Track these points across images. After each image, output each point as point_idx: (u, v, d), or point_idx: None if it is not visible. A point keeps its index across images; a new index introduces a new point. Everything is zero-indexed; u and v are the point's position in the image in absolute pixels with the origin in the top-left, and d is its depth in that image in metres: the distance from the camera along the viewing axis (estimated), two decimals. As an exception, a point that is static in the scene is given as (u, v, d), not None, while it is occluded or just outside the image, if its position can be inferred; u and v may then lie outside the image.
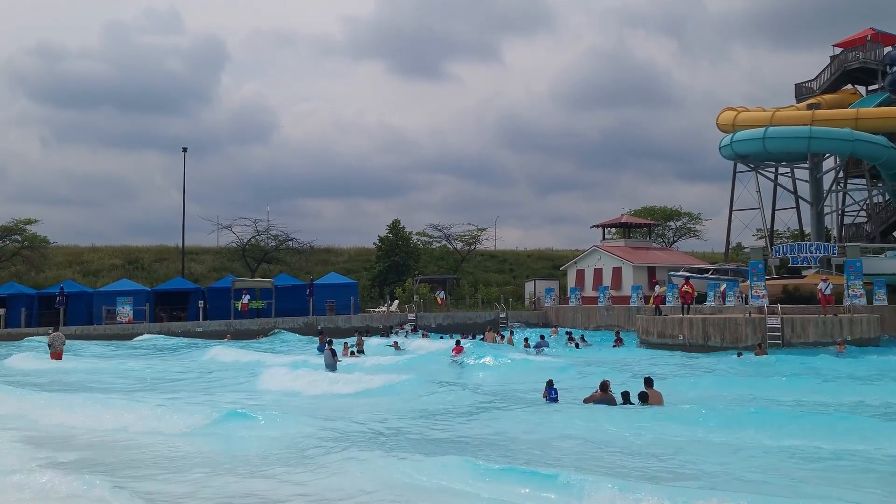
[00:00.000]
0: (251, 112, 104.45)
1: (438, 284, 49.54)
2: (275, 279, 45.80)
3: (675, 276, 40.81)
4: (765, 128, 40.33)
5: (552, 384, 15.77)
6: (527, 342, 30.57)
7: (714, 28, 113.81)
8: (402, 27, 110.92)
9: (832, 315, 27.92)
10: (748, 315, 29.05)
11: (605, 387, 14.64)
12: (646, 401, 14.14)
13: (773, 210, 49.49)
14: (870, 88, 48.06)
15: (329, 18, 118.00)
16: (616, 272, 45.88)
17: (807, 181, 44.23)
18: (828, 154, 42.02)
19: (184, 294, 44.47)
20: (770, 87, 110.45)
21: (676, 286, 37.27)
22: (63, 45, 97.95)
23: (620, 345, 30.93)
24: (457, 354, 25.41)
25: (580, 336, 33.00)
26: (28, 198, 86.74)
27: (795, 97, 49.28)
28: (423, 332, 37.99)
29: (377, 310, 46.09)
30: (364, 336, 31.73)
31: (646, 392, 14.35)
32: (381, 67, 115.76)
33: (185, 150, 49.80)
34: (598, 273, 47.03)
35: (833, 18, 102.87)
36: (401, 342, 32.06)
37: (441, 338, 34.37)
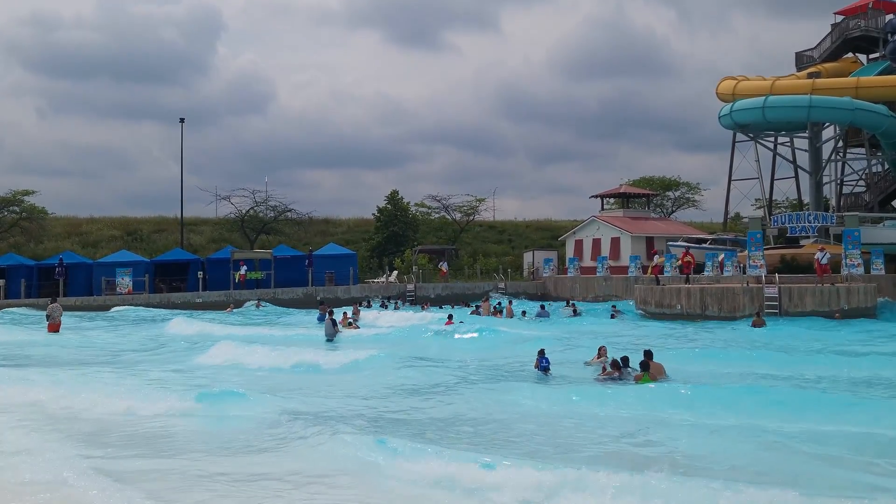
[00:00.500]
0: (248, 82, 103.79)
1: (438, 255, 49.60)
2: (274, 250, 45.80)
3: (674, 247, 40.95)
4: (765, 97, 40.13)
5: (543, 353, 15.82)
6: (524, 314, 30.70)
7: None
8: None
9: (829, 284, 28.09)
10: (746, 285, 29.18)
11: (617, 365, 14.75)
12: (647, 370, 14.27)
13: (772, 180, 49.53)
14: (871, 57, 47.77)
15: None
16: (615, 242, 45.98)
17: (806, 150, 44.15)
18: (827, 123, 41.90)
19: (183, 265, 44.50)
20: (770, 56, 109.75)
21: (675, 256, 37.45)
22: (57, 15, 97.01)
23: (619, 314, 31.09)
24: (448, 327, 25.49)
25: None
26: (25, 169, 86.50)
27: (796, 66, 48.94)
28: (423, 304, 38.09)
29: (376, 280, 46.24)
30: (360, 307, 31.82)
31: (647, 362, 14.46)
32: (379, 37, 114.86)
33: (183, 121, 49.60)
34: (597, 243, 47.12)
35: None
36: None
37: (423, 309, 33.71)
